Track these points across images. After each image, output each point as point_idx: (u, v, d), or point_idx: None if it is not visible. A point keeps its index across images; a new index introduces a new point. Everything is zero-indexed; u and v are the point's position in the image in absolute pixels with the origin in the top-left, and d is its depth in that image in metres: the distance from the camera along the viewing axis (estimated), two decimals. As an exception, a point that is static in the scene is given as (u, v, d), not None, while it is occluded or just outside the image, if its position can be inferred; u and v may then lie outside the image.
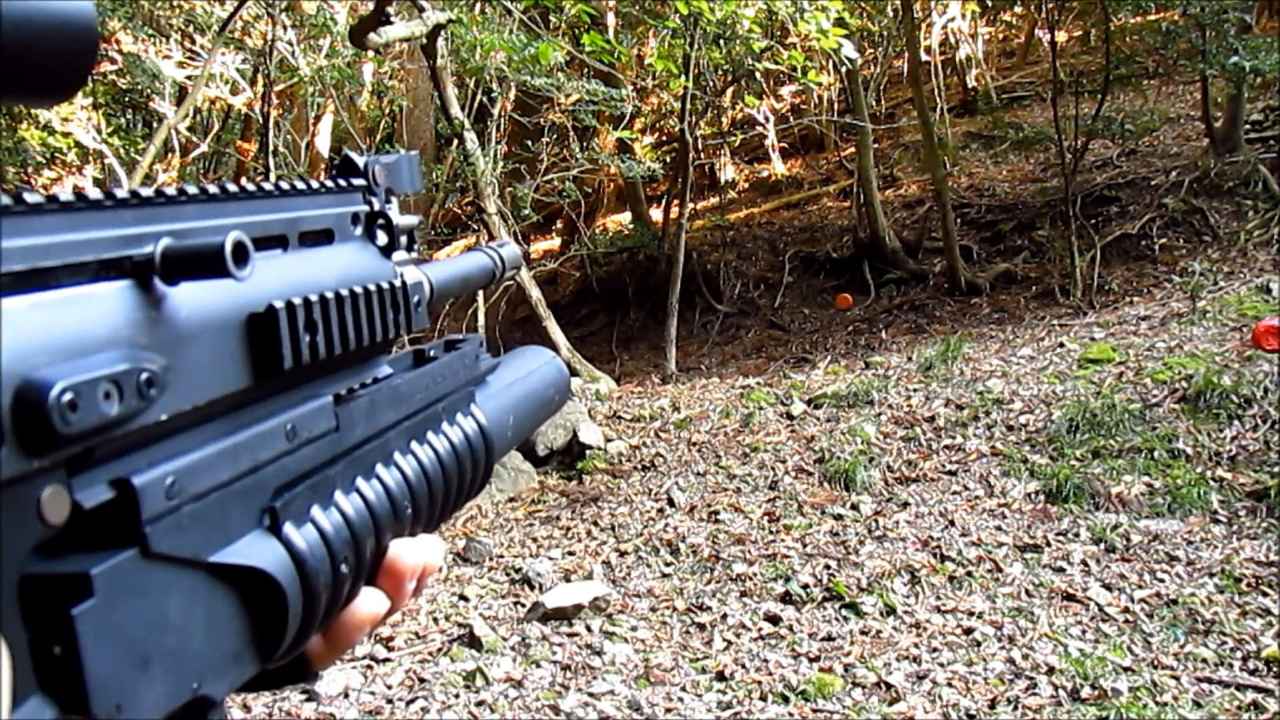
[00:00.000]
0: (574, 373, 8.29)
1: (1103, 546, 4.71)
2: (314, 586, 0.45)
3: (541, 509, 5.83)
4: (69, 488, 0.35)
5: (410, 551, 0.53)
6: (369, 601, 0.51)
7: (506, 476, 6.20)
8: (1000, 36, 17.50)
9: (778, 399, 6.92)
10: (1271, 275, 8.21)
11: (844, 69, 11.17)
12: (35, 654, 0.33)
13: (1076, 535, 4.82)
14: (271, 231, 0.48)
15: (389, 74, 11.58)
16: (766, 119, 14.30)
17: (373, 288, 0.53)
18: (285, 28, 9.19)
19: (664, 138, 15.89)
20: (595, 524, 5.48)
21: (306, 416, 0.47)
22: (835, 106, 14.74)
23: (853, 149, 13.13)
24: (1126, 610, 4.20)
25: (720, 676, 3.93)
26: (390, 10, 7.23)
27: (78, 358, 0.34)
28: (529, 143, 10.17)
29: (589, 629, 4.33)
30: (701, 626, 4.33)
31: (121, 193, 0.39)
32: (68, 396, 0.32)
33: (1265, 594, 4.20)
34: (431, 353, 0.61)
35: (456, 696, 3.85)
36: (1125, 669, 3.78)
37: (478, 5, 9.00)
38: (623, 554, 5.08)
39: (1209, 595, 4.23)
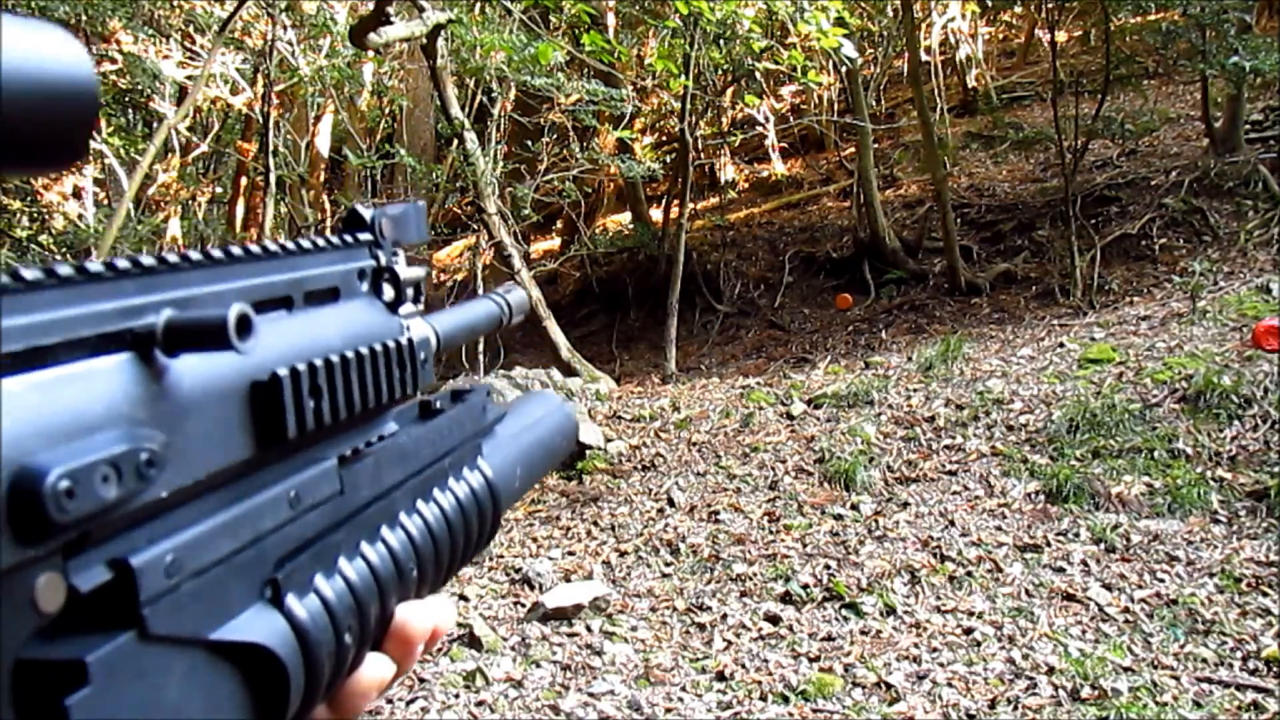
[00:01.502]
0: (574, 373, 8.29)
1: (1103, 546, 4.71)
2: (317, 658, 0.44)
3: (541, 509, 5.83)
4: (65, 572, 0.34)
5: (419, 615, 0.52)
6: (375, 668, 0.50)
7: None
8: (1000, 36, 17.50)
9: (778, 399, 6.92)
10: (1271, 275, 8.21)
11: (844, 69, 11.17)
12: None
13: (1076, 535, 4.82)
14: (276, 293, 0.47)
15: (389, 74, 11.59)
16: (766, 119, 14.30)
17: (379, 347, 0.51)
18: (285, 28, 9.19)
19: (664, 138, 15.89)
20: (595, 524, 5.48)
21: (310, 482, 0.46)
22: (835, 106, 14.74)
23: (853, 149, 13.13)
24: (1126, 610, 4.20)
25: (720, 676, 3.93)
26: (390, 10, 7.23)
27: (75, 439, 0.33)
28: (529, 143, 10.17)
29: (589, 629, 4.33)
30: (701, 626, 4.33)
31: (123, 262, 0.38)
32: (64, 484, 0.31)
33: (1265, 594, 4.20)
34: (438, 404, 0.59)
35: (456, 696, 3.85)
36: (1125, 669, 3.78)
37: (478, 5, 9.00)
38: (623, 554, 5.08)
39: (1209, 595, 4.23)
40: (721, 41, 8.97)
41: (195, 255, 0.42)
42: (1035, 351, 7.27)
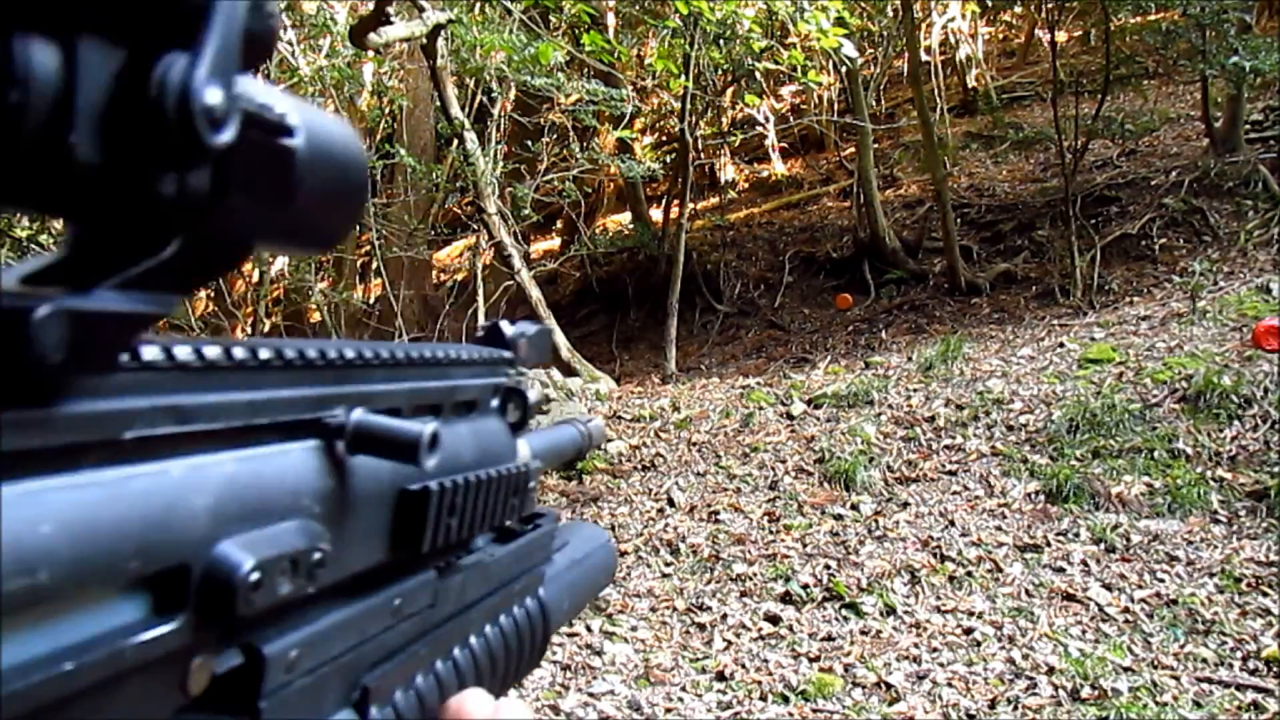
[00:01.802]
0: (574, 373, 8.29)
1: (1103, 546, 4.71)
2: None
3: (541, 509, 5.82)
4: (213, 657, 0.34)
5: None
6: None
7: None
8: (1000, 36, 17.50)
9: (778, 399, 6.92)
10: (1271, 275, 8.21)
11: (844, 69, 11.17)
12: None
13: (1076, 535, 4.82)
14: (430, 400, 0.48)
15: (389, 74, 11.58)
16: (766, 119, 14.31)
17: (505, 472, 0.52)
18: (285, 27, 9.19)
19: (664, 138, 15.89)
20: (595, 524, 5.47)
21: (412, 591, 0.46)
22: (835, 106, 14.74)
23: (853, 149, 13.13)
24: (1126, 610, 4.20)
25: (720, 676, 3.93)
26: (390, 10, 7.23)
27: (264, 524, 0.34)
28: (529, 143, 10.17)
29: (589, 629, 4.33)
30: (701, 626, 4.33)
31: (316, 350, 0.38)
32: (255, 577, 0.32)
33: (1265, 594, 4.20)
34: (514, 527, 0.59)
35: (456, 696, 3.85)
36: (1125, 669, 3.78)
37: (478, 5, 9.00)
38: (623, 554, 5.08)
39: (1209, 595, 4.23)
40: (721, 41, 8.97)
41: (381, 353, 0.43)
42: (1035, 351, 7.27)
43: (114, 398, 0.29)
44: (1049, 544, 4.77)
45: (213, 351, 0.33)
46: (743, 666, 3.99)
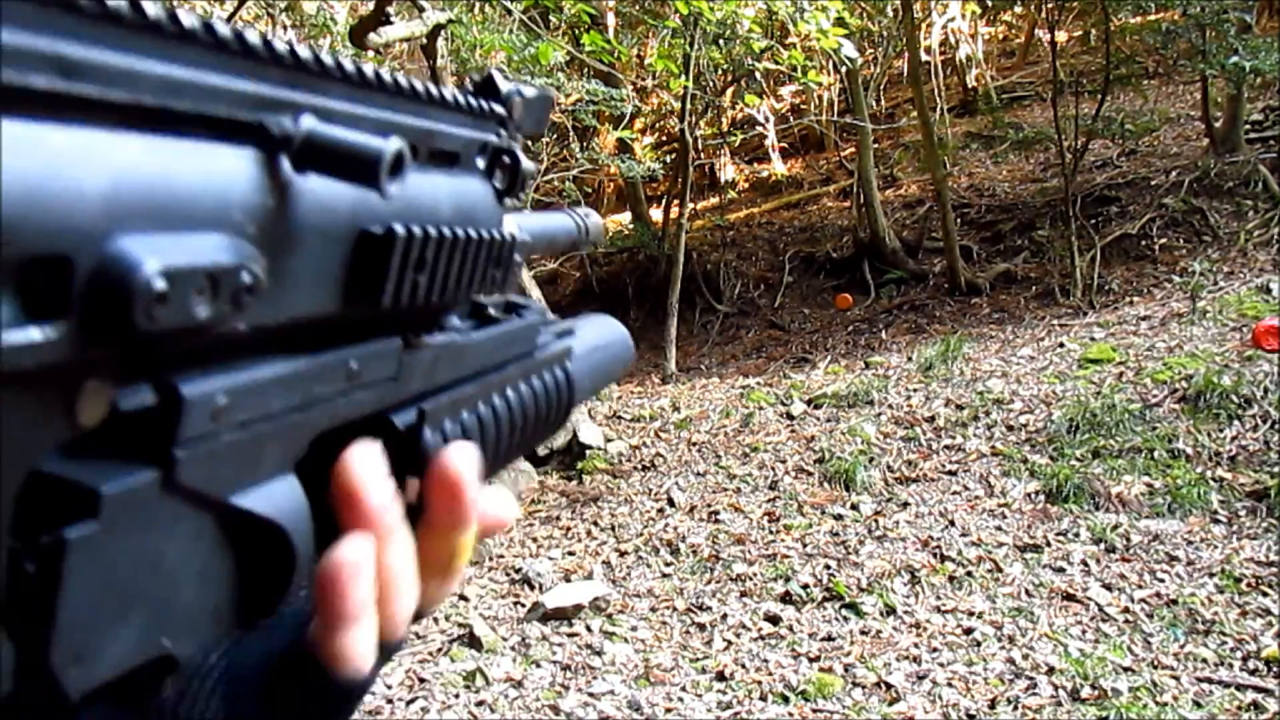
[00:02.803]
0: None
1: (1103, 546, 4.71)
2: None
3: (541, 509, 5.83)
4: (114, 384, 0.29)
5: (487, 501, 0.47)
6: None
7: (506, 477, 6.19)
8: (1000, 36, 17.50)
9: (778, 399, 6.92)
10: (1271, 275, 8.21)
11: (844, 69, 11.17)
12: (10, 569, 0.27)
13: (1076, 535, 4.82)
14: (404, 137, 0.39)
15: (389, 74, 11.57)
16: (766, 119, 14.31)
17: (485, 235, 0.45)
18: (285, 28, 9.19)
19: (664, 138, 15.89)
20: (595, 524, 5.48)
21: (371, 357, 0.40)
22: (835, 106, 14.75)
23: (853, 149, 13.14)
24: (1126, 610, 4.20)
25: (720, 676, 3.93)
26: (390, 10, 7.23)
27: (181, 230, 0.28)
28: (529, 143, 10.17)
29: (589, 629, 4.33)
30: (701, 626, 4.33)
31: (258, 40, 0.32)
32: (160, 286, 0.26)
33: (1265, 594, 4.20)
34: (492, 311, 0.52)
35: (456, 696, 3.85)
36: (1125, 669, 3.78)
37: (478, 5, 9.00)
38: (623, 554, 5.08)
39: (1209, 595, 4.23)
40: (721, 42, 8.97)
41: (343, 63, 0.36)
42: (1035, 351, 7.27)
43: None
44: (1049, 544, 4.77)
45: (152, 7, 0.27)
46: (743, 666, 3.99)
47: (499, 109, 0.49)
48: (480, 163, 0.48)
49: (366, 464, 0.40)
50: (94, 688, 0.30)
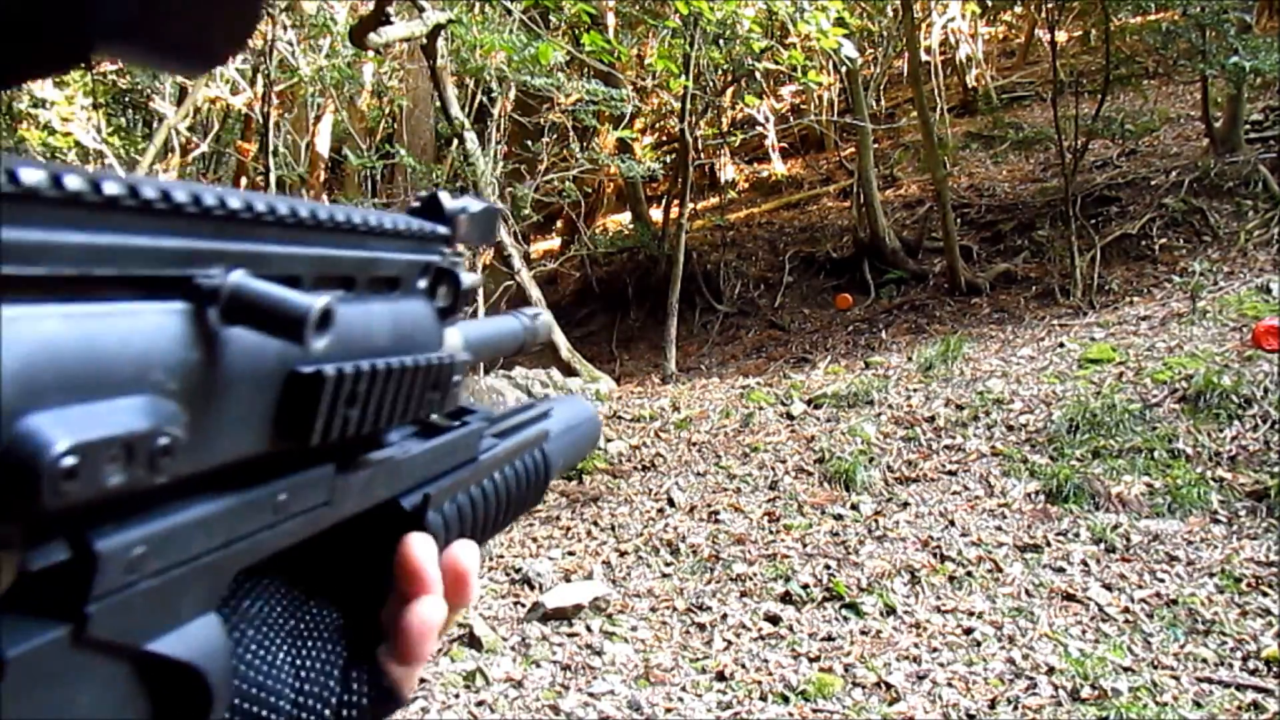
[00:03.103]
0: (574, 373, 8.29)
1: (1103, 546, 4.71)
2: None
3: (541, 509, 5.83)
4: (22, 549, 0.28)
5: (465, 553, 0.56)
6: (432, 609, 0.51)
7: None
8: (1000, 36, 17.50)
9: (778, 399, 6.92)
10: (1271, 275, 8.21)
11: (844, 69, 11.17)
12: None
13: (1076, 535, 4.82)
14: (342, 270, 0.42)
15: (389, 74, 11.59)
16: (766, 119, 14.31)
17: (423, 362, 0.46)
18: (285, 28, 9.19)
19: (664, 138, 15.89)
20: (595, 524, 5.48)
21: (301, 486, 0.40)
22: (835, 106, 14.75)
23: (853, 149, 13.14)
24: (1126, 610, 4.20)
25: (720, 676, 3.93)
26: (390, 10, 7.23)
27: (97, 397, 0.28)
28: (529, 143, 10.16)
29: (589, 629, 4.33)
30: (701, 626, 4.33)
31: (191, 195, 0.32)
32: (68, 462, 0.26)
33: (1265, 594, 4.20)
34: (435, 420, 0.53)
35: (456, 696, 3.85)
36: (1125, 669, 3.78)
37: (478, 5, 9.00)
38: (623, 554, 5.08)
39: (1209, 595, 4.23)
40: (721, 42, 8.97)
41: (281, 208, 0.37)
42: (1035, 351, 7.27)
43: None
44: (1049, 544, 4.77)
45: (33, 176, 0.27)
46: (743, 666, 3.99)
47: (442, 229, 0.50)
48: (422, 284, 0.49)
49: (425, 548, 0.50)
50: None
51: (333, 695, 0.47)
